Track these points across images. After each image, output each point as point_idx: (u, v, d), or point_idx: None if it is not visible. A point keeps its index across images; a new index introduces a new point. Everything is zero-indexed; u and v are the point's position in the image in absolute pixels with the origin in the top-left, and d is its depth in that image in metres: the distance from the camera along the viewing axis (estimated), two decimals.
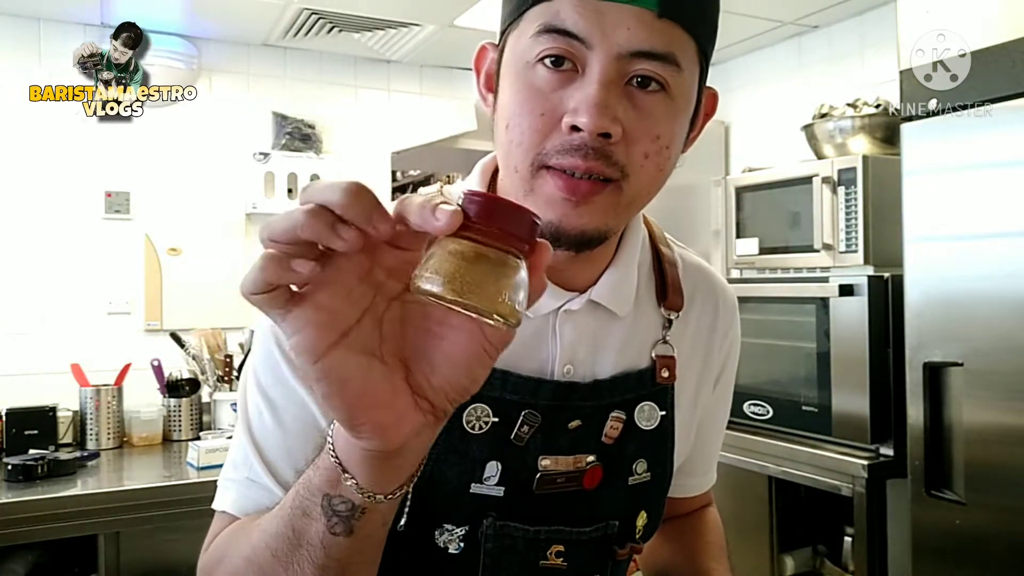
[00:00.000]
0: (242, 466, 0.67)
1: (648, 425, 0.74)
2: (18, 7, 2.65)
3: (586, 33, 0.59)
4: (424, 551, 0.68)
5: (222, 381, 2.66)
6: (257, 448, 0.67)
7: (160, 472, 2.25)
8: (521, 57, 0.62)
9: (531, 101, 0.61)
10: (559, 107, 0.60)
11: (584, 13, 0.58)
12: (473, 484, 0.68)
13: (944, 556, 1.76)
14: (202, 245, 2.94)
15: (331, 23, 2.80)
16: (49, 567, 2.14)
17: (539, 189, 0.61)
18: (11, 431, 2.33)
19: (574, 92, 0.59)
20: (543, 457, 0.69)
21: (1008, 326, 1.63)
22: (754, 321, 2.42)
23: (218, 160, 2.98)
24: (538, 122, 0.60)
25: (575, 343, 0.71)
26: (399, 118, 3.31)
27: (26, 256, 2.69)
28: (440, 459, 0.67)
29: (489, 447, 0.68)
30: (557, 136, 0.60)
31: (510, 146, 0.62)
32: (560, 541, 0.70)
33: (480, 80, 0.69)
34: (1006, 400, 1.65)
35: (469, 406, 0.67)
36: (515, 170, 0.62)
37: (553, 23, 0.59)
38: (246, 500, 0.66)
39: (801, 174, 2.30)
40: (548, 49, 0.60)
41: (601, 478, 0.72)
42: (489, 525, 0.68)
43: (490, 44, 0.68)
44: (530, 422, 0.68)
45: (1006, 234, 1.65)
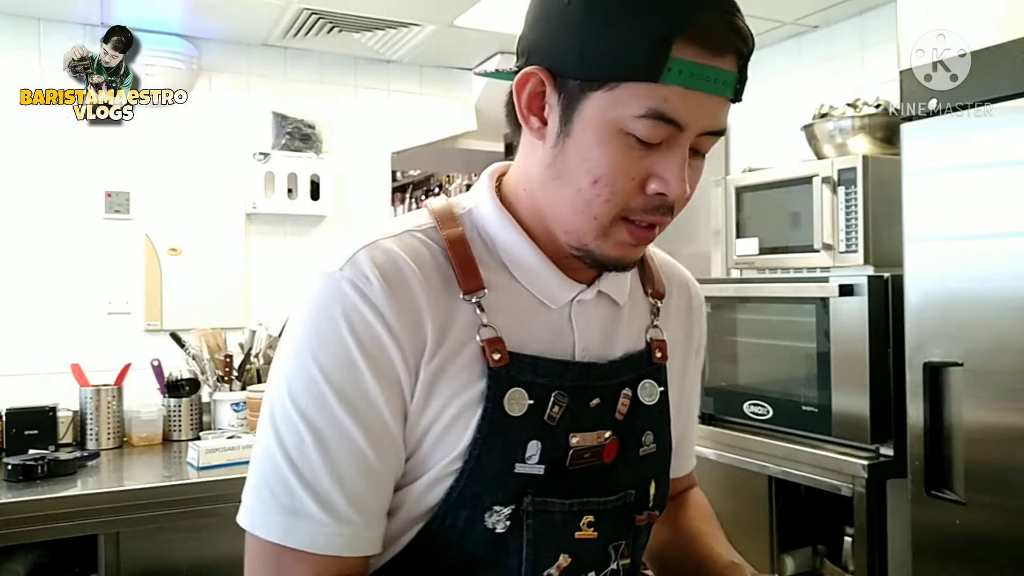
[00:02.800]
0: (283, 494, 0.68)
1: (650, 401, 0.82)
2: (18, 7, 2.65)
3: (686, 121, 0.67)
4: (475, 534, 0.72)
5: (222, 381, 2.66)
6: (300, 476, 0.68)
7: (160, 472, 2.25)
8: (615, 123, 0.67)
9: (626, 167, 0.68)
10: (644, 172, 0.68)
11: (689, 104, 0.66)
12: (517, 464, 0.73)
13: (944, 556, 1.76)
14: (202, 245, 2.94)
15: (331, 23, 2.80)
16: (49, 567, 2.14)
17: (613, 235, 0.71)
18: (11, 431, 2.33)
19: (659, 160, 0.68)
20: (573, 435, 0.75)
21: (1008, 326, 1.63)
22: (754, 321, 2.42)
23: (218, 160, 2.98)
24: (629, 185, 0.69)
25: (589, 329, 0.79)
26: (399, 118, 3.31)
27: (26, 256, 2.69)
28: (486, 443, 0.71)
29: (528, 428, 0.73)
30: (642, 197, 0.69)
31: (595, 200, 0.69)
32: (590, 512, 0.76)
33: (523, 101, 0.72)
34: (1006, 400, 1.65)
35: (508, 391, 0.72)
36: (594, 218, 0.70)
37: (662, 111, 0.66)
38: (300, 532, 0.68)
39: (801, 174, 2.30)
40: (653, 136, 0.67)
41: (617, 451, 0.79)
42: (529, 503, 0.72)
43: (542, 72, 0.70)
44: (560, 402, 0.75)
45: (1006, 234, 1.65)
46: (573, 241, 0.73)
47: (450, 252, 0.74)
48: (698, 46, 0.65)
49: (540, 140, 0.72)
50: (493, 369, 0.72)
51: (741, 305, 2.45)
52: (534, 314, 0.76)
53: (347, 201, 3.19)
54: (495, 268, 0.76)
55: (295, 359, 0.70)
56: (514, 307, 0.75)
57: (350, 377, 0.68)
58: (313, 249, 3.13)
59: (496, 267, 0.76)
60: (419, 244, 0.74)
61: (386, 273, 0.69)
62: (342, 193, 3.16)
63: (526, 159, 0.76)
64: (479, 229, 0.77)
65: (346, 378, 0.68)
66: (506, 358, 0.72)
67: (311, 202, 3.06)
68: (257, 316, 2.92)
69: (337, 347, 0.68)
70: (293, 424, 0.68)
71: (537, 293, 0.76)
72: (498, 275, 0.75)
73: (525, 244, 0.76)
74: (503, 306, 0.74)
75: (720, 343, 2.48)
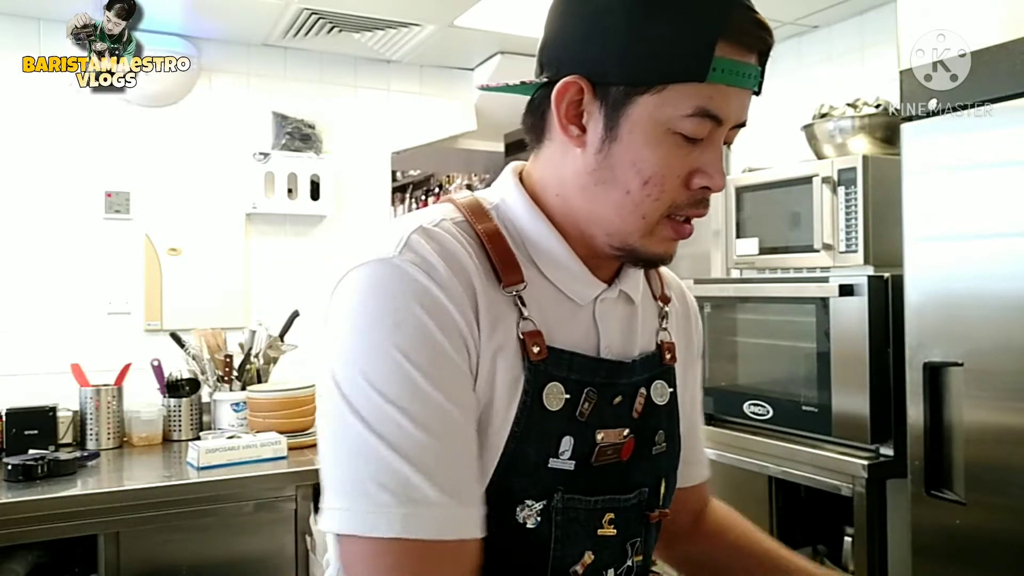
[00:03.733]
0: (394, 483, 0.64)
1: (661, 401, 0.84)
2: (18, 7, 2.65)
3: (726, 116, 0.70)
4: (506, 528, 0.71)
5: (222, 381, 2.66)
6: (410, 462, 0.64)
7: (160, 472, 2.25)
8: (664, 123, 0.70)
9: (674, 165, 0.71)
10: (688, 168, 0.72)
11: (729, 99, 0.70)
12: (551, 459, 0.73)
13: (944, 556, 1.76)
14: (202, 245, 2.94)
15: (331, 23, 2.80)
16: (49, 567, 2.14)
17: (659, 233, 0.74)
18: (11, 431, 2.33)
19: (700, 156, 0.72)
20: (599, 431, 0.77)
21: (1008, 326, 1.63)
22: (754, 321, 2.42)
23: (218, 160, 2.98)
24: (676, 182, 0.72)
25: (611, 327, 0.81)
26: (399, 118, 3.31)
27: (26, 256, 2.69)
28: (523, 436, 0.72)
29: (563, 423, 0.74)
30: (685, 193, 0.72)
31: (645, 199, 0.72)
32: (611, 509, 0.78)
33: (562, 110, 0.73)
34: (1006, 400, 1.65)
35: (547, 384, 0.73)
36: (643, 218, 0.73)
37: (708, 108, 0.69)
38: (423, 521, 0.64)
39: (801, 174, 2.30)
40: (698, 132, 0.70)
41: (633, 449, 0.80)
42: (559, 499, 0.73)
43: (583, 80, 0.72)
44: (590, 399, 0.76)
45: (1006, 234, 1.65)
46: (616, 242, 0.75)
47: (488, 245, 0.74)
48: (734, 44, 0.68)
49: (580, 147, 0.73)
50: (532, 362, 0.72)
51: (741, 305, 2.45)
52: (564, 310, 0.77)
53: (347, 201, 3.19)
54: (525, 263, 0.76)
55: (369, 348, 0.66)
56: (546, 302, 0.76)
57: (436, 358, 0.66)
58: (313, 249, 3.13)
59: (525, 262, 0.76)
60: (459, 233, 0.74)
61: (445, 256, 0.69)
62: (342, 193, 3.16)
63: (557, 166, 0.77)
64: (507, 224, 0.78)
65: (432, 359, 0.66)
66: (545, 352, 0.73)
67: (311, 202, 3.06)
68: (257, 316, 2.92)
69: (416, 329, 0.66)
70: (386, 414, 0.65)
71: (565, 289, 0.77)
72: (528, 270, 0.76)
73: (556, 240, 0.77)
74: (537, 301, 0.75)
75: (720, 343, 2.48)
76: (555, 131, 0.75)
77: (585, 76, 0.71)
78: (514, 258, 0.75)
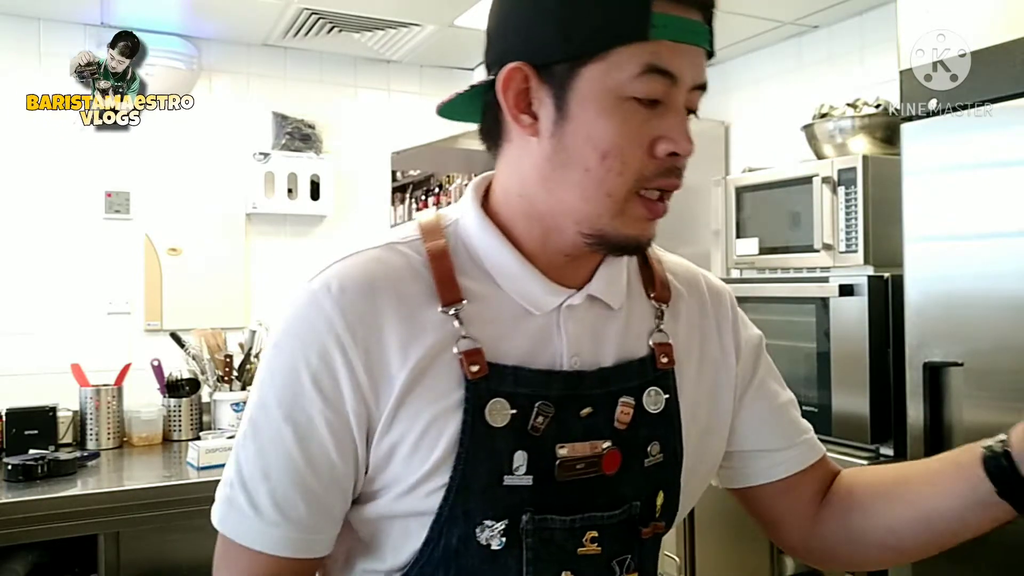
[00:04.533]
0: (225, 484, 0.74)
1: (655, 408, 0.79)
2: (18, 7, 2.65)
3: (679, 72, 0.68)
4: (469, 552, 0.71)
5: (222, 381, 2.66)
6: (238, 470, 0.73)
7: (160, 472, 2.25)
8: (614, 90, 0.67)
9: (632, 134, 0.68)
10: (650, 136, 0.68)
11: (679, 55, 0.67)
12: (505, 476, 0.72)
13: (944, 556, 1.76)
14: (202, 245, 2.94)
15: (331, 23, 2.80)
16: (49, 567, 2.14)
17: (629, 212, 0.70)
18: (11, 431, 2.33)
19: (661, 122, 0.68)
20: (560, 445, 0.74)
21: (1008, 326, 1.63)
22: (754, 321, 2.41)
23: (218, 160, 2.98)
24: (638, 152, 0.68)
25: (579, 335, 0.77)
26: (399, 118, 3.31)
27: (26, 256, 2.69)
28: (470, 457, 0.71)
29: (512, 438, 0.72)
30: (652, 163, 0.69)
31: (606, 174, 0.68)
32: (593, 527, 0.74)
33: (510, 100, 0.71)
34: (1006, 400, 1.65)
35: (489, 401, 0.71)
36: (608, 195, 0.69)
37: (658, 64, 0.67)
38: (231, 523, 0.72)
39: (801, 174, 2.30)
40: (652, 91, 0.67)
41: (620, 462, 0.76)
42: (528, 520, 0.72)
43: (527, 67, 0.70)
44: (544, 412, 0.73)
45: (1006, 234, 1.65)
46: (586, 229, 0.71)
47: (431, 264, 0.74)
48: (670, 1, 0.67)
49: (534, 136, 0.71)
50: (471, 381, 0.71)
51: (741, 305, 2.45)
52: (519, 322, 0.75)
53: (347, 201, 3.19)
54: (480, 278, 0.75)
55: (264, 363, 0.74)
56: (498, 316, 0.74)
57: (294, 391, 0.71)
58: (313, 249, 3.13)
59: (482, 277, 0.75)
60: (398, 257, 0.75)
61: (350, 289, 0.72)
62: (342, 193, 3.16)
63: (517, 164, 0.75)
64: (463, 240, 0.77)
65: (290, 391, 0.71)
66: (485, 369, 0.72)
67: (311, 202, 3.06)
68: (257, 316, 2.92)
69: (289, 360, 0.71)
70: (246, 421, 0.74)
71: (521, 300, 0.75)
72: (484, 284, 0.75)
73: (505, 249, 0.75)
74: (487, 316, 0.74)
75: None
76: (511, 128, 0.74)
77: (528, 62, 0.70)
78: (452, 277, 0.74)
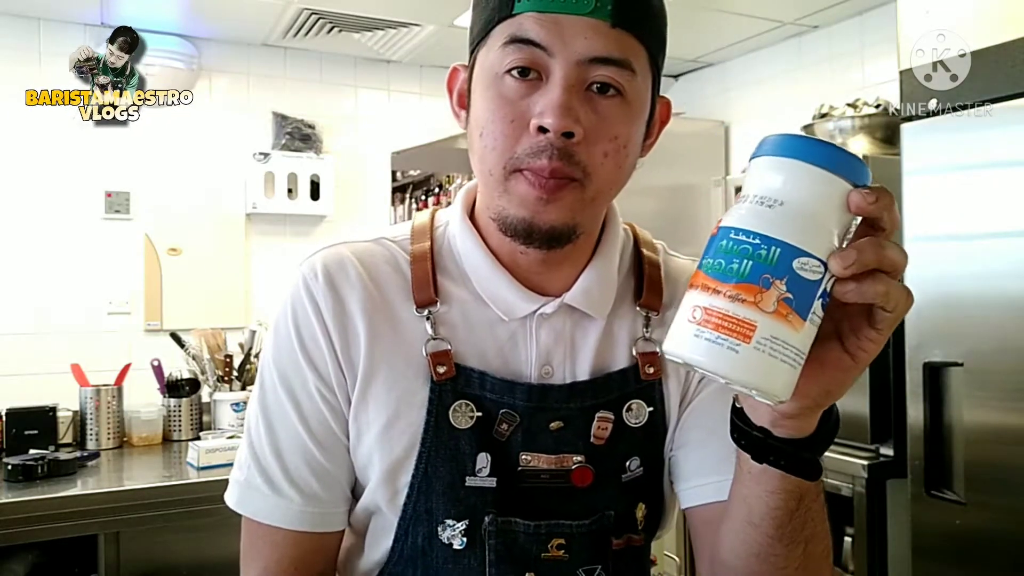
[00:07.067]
0: (240, 466, 0.76)
1: (637, 422, 0.76)
2: (18, 7, 2.65)
3: (547, 42, 0.65)
4: (434, 550, 0.72)
5: (222, 381, 2.66)
6: (252, 450, 0.74)
7: (160, 472, 2.25)
8: (490, 70, 0.67)
9: (502, 109, 0.66)
10: (527, 113, 0.66)
11: (544, 24, 0.65)
12: (468, 477, 0.71)
13: (944, 556, 1.76)
14: (202, 245, 2.94)
15: (331, 23, 2.80)
16: (49, 567, 2.14)
17: (512, 190, 0.67)
18: (11, 431, 2.33)
19: (539, 98, 0.65)
20: (524, 454, 0.73)
21: (1008, 326, 1.63)
22: None
23: (218, 160, 2.98)
24: (509, 128, 0.66)
25: (551, 346, 0.74)
26: (399, 118, 3.31)
27: (26, 256, 2.69)
28: (432, 456, 0.71)
29: (477, 440, 0.72)
30: (527, 139, 0.65)
31: (484, 152, 0.67)
32: (560, 534, 0.73)
33: (453, 99, 0.74)
34: (1006, 400, 1.65)
35: (454, 403, 0.72)
36: (490, 174, 0.68)
37: (517, 34, 0.65)
38: (250, 502, 0.74)
39: None
40: (515, 60, 0.66)
41: (592, 478, 0.74)
42: (491, 522, 0.71)
43: (461, 66, 0.74)
44: (508, 420, 0.72)
45: (1006, 234, 1.65)
46: (492, 213, 0.71)
47: (411, 266, 0.75)
48: None
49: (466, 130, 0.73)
50: (436, 382, 0.71)
51: None
52: (492, 328, 0.74)
53: (347, 201, 3.19)
54: (461, 281, 0.75)
55: (266, 341, 0.76)
56: (472, 320, 0.74)
57: (292, 368, 0.73)
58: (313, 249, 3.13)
59: (462, 280, 0.75)
60: (383, 252, 0.76)
61: (331, 272, 0.74)
62: (342, 193, 3.16)
63: None
64: (450, 242, 0.77)
65: (289, 368, 0.73)
66: (452, 371, 0.72)
67: (311, 202, 3.06)
68: (257, 316, 2.92)
69: (285, 339, 0.74)
70: (254, 402, 0.75)
71: (494, 306, 0.74)
72: (463, 288, 0.75)
73: (480, 253, 0.74)
74: (461, 319, 0.74)
75: None
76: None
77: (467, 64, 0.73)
78: (427, 279, 0.74)
